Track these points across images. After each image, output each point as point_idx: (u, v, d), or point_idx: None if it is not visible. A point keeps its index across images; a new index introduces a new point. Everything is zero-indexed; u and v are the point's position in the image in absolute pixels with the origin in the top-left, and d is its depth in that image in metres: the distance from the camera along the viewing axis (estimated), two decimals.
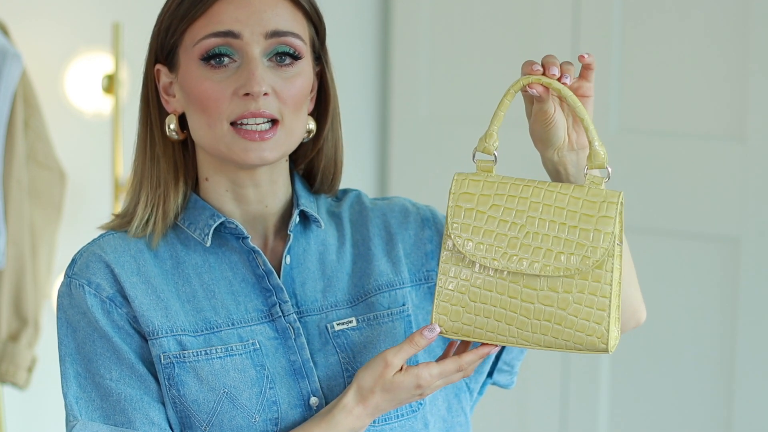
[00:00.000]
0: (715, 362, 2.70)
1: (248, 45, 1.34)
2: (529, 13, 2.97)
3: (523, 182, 1.33)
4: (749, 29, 2.61)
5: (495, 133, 1.34)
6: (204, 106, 1.35)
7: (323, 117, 1.45)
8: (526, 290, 1.31)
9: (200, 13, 1.35)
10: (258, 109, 1.33)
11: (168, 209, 1.40)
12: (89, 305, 1.37)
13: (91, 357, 1.37)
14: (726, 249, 2.67)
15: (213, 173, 1.41)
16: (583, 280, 1.30)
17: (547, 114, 1.34)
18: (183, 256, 1.41)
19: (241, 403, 1.35)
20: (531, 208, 1.32)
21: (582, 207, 1.31)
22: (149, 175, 1.41)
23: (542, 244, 1.31)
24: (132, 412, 1.35)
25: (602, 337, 1.30)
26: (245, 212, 1.42)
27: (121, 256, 1.38)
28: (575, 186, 1.33)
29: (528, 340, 1.31)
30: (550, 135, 1.35)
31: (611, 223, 1.30)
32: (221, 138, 1.35)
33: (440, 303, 1.33)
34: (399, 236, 1.48)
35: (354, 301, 1.43)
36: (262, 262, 1.40)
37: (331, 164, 1.47)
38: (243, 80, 1.34)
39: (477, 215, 1.32)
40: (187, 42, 1.37)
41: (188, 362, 1.36)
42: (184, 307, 1.38)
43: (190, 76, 1.36)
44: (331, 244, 1.46)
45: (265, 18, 1.35)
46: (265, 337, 1.39)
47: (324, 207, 1.48)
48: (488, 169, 1.35)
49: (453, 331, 1.33)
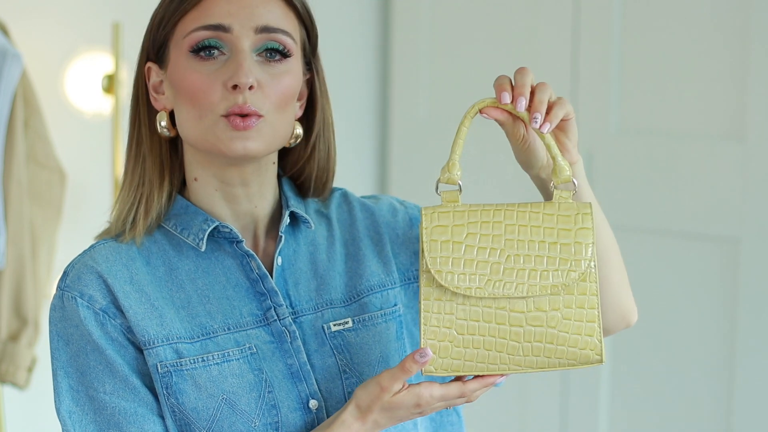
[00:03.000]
0: (715, 362, 2.70)
1: (238, 39, 1.34)
2: (529, 13, 2.97)
3: (492, 207, 1.31)
4: (749, 29, 2.61)
5: (457, 163, 1.33)
6: (193, 97, 1.35)
7: (312, 125, 1.44)
8: (513, 314, 1.29)
9: (192, 6, 1.35)
10: (245, 102, 1.32)
11: (150, 207, 1.39)
12: (82, 317, 1.35)
13: (85, 370, 1.36)
14: (726, 249, 2.67)
15: (202, 172, 1.40)
16: (569, 295, 1.29)
17: (516, 137, 1.34)
18: (176, 262, 1.40)
19: (240, 409, 1.35)
20: (507, 231, 1.30)
21: (558, 222, 1.30)
22: (134, 172, 1.41)
23: (525, 265, 1.29)
24: (126, 426, 1.34)
25: (596, 349, 1.29)
26: (236, 212, 1.41)
27: (113, 265, 1.37)
28: (545, 203, 1.31)
29: (521, 365, 1.29)
30: (530, 157, 1.36)
31: (590, 234, 1.29)
32: (210, 128, 1.34)
33: (426, 341, 1.29)
34: (387, 235, 1.47)
35: (348, 301, 1.43)
36: (256, 266, 1.39)
37: (323, 173, 1.47)
38: (231, 72, 1.33)
39: (454, 246, 1.30)
40: (177, 35, 1.36)
41: (185, 370, 1.35)
42: (179, 313, 1.37)
43: (180, 68, 1.36)
44: (320, 243, 1.45)
45: (256, 13, 1.35)
46: (261, 341, 1.38)
47: (312, 207, 1.48)
48: (454, 199, 1.32)
49: (443, 368, 1.30)
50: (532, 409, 2.97)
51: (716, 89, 2.67)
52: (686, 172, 2.71)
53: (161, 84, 1.40)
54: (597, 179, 2.81)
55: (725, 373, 2.68)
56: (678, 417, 2.76)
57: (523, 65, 1.34)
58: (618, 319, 1.46)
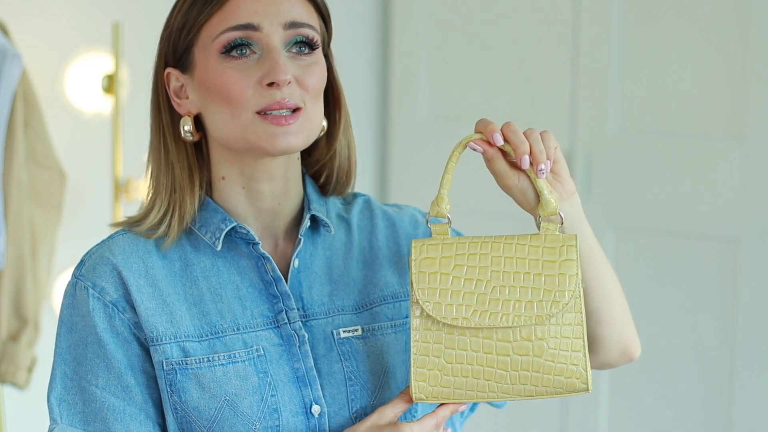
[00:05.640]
0: (714, 362, 2.70)
1: (268, 36, 1.35)
2: (529, 13, 2.98)
3: (480, 239, 1.35)
4: (749, 29, 2.61)
5: (446, 197, 1.37)
6: (227, 96, 1.35)
7: (335, 117, 1.46)
8: (500, 344, 1.33)
9: (217, 8, 1.36)
10: (283, 98, 1.34)
11: (184, 213, 1.40)
12: (91, 308, 1.36)
13: (82, 360, 1.36)
14: (726, 249, 2.67)
15: (229, 170, 1.41)
16: (555, 326, 1.33)
17: (503, 178, 1.37)
18: (192, 258, 1.40)
19: (241, 411, 1.35)
20: (493, 263, 1.34)
21: (543, 254, 1.34)
22: (164, 181, 1.41)
23: (510, 296, 1.33)
24: (112, 422, 1.35)
25: (581, 378, 1.33)
26: (258, 210, 1.42)
27: (129, 257, 1.38)
28: (531, 235, 1.35)
29: (508, 392, 1.33)
30: (521, 199, 1.38)
31: (574, 266, 1.33)
32: (247, 126, 1.35)
33: (417, 370, 1.34)
34: (407, 247, 1.48)
35: (359, 309, 1.43)
36: (271, 269, 1.40)
37: (345, 165, 1.48)
38: (267, 69, 1.34)
39: (441, 278, 1.34)
40: (204, 39, 1.37)
41: (190, 369, 1.36)
42: (190, 310, 1.38)
43: (211, 70, 1.36)
44: (338, 248, 1.46)
45: (282, 9, 1.36)
46: (269, 343, 1.38)
47: (334, 211, 1.48)
48: (444, 232, 1.37)
49: (433, 396, 1.34)
50: (532, 408, 2.97)
51: (716, 89, 2.67)
52: (686, 172, 2.71)
53: (183, 89, 1.40)
54: (597, 179, 2.81)
55: (725, 373, 2.68)
56: (678, 417, 2.76)
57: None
58: (619, 355, 1.49)
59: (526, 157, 1.33)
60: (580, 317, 1.33)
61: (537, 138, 1.34)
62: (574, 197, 1.39)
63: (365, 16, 3.31)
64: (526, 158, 1.33)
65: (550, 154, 1.35)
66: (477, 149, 1.35)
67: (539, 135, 1.35)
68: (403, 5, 3.24)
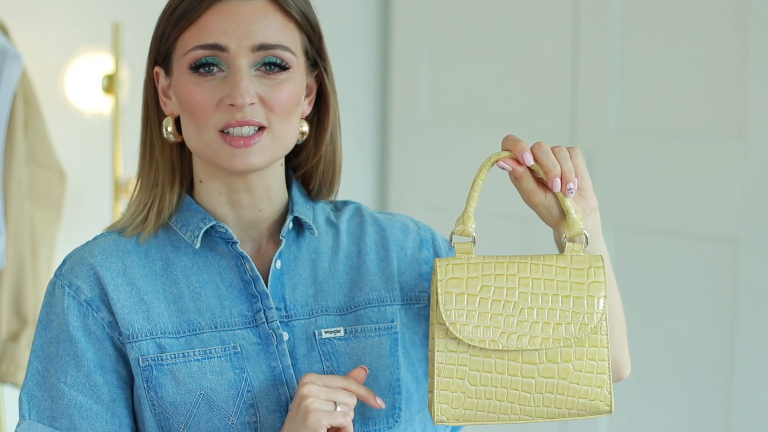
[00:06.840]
0: (714, 362, 2.70)
1: (234, 58, 1.35)
2: (529, 13, 2.98)
3: (506, 259, 1.33)
4: (749, 29, 2.61)
5: (471, 215, 1.34)
6: (193, 112, 1.36)
7: (323, 123, 1.45)
8: (526, 366, 1.31)
9: (189, 24, 1.36)
10: (244, 117, 1.34)
11: (162, 208, 1.42)
12: (65, 306, 1.38)
13: (53, 357, 1.38)
14: (726, 249, 2.67)
15: (207, 177, 1.42)
16: (581, 347, 1.32)
17: (530, 196, 1.36)
18: (172, 257, 1.41)
19: (217, 405, 1.36)
20: (521, 284, 1.32)
21: (570, 276, 1.33)
22: (148, 175, 1.43)
23: (538, 318, 1.31)
24: (79, 420, 1.36)
25: (605, 400, 1.32)
26: (239, 216, 1.43)
27: (108, 257, 1.39)
28: (557, 256, 1.34)
29: (531, 415, 1.32)
30: (546, 215, 1.37)
31: (602, 288, 1.32)
32: (209, 144, 1.36)
33: (440, 392, 1.32)
34: (395, 253, 1.48)
35: (343, 311, 1.44)
36: (250, 268, 1.41)
37: (329, 168, 1.47)
38: (228, 90, 1.35)
39: (468, 299, 1.32)
40: (178, 50, 1.38)
41: (166, 365, 1.37)
42: (169, 307, 1.39)
43: (181, 83, 1.37)
44: (324, 252, 1.46)
45: (252, 30, 1.35)
46: (247, 342, 1.39)
47: (322, 215, 1.49)
48: (468, 251, 1.34)
49: (455, 418, 1.32)
50: None
51: (716, 89, 2.67)
52: (686, 172, 2.71)
53: (168, 88, 1.41)
54: (597, 179, 2.81)
55: (725, 372, 2.68)
56: (678, 417, 2.76)
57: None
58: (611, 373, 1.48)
59: (558, 180, 1.33)
60: (606, 339, 1.32)
61: (566, 156, 1.34)
62: (595, 214, 1.39)
63: (365, 16, 3.30)
64: (557, 181, 1.33)
65: (578, 172, 1.34)
66: (506, 168, 1.34)
67: (567, 152, 1.34)
68: (403, 6, 3.24)
